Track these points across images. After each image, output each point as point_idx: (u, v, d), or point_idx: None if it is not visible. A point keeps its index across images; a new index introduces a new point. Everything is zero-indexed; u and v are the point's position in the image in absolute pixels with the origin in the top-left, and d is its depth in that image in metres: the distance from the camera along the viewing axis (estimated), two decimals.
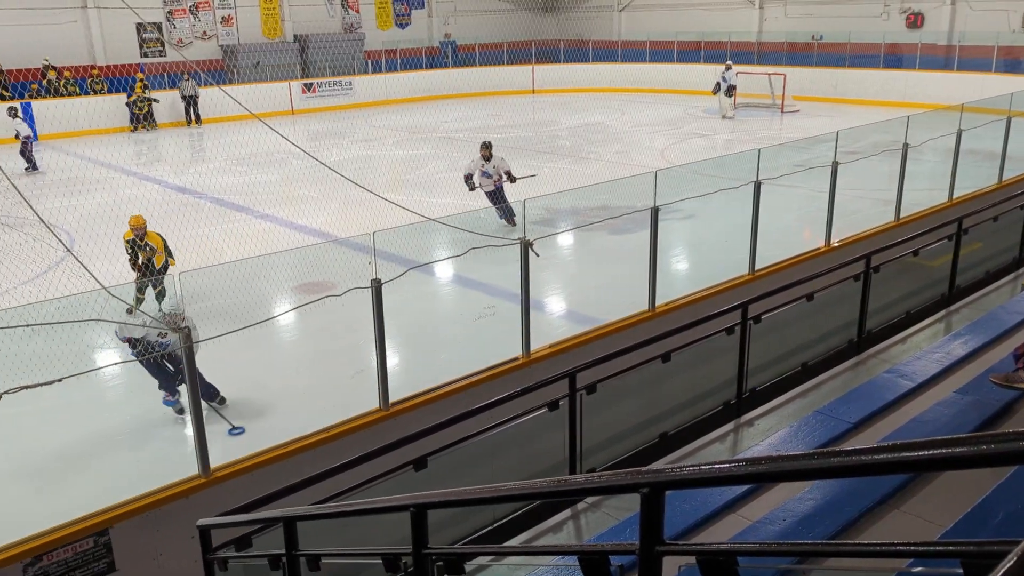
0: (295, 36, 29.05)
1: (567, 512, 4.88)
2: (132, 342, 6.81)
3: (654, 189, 7.92)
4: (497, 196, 12.40)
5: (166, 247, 9.46)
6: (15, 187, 6.33)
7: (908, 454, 1.57)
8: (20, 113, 18.27)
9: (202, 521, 4.76)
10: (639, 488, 2.11)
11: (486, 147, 12.57)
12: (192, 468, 5.69)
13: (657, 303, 8.16)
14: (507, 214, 12.07)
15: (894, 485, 4.19)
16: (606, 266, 10.96)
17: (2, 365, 6.46)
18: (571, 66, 31.16)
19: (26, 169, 17.34)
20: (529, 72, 31.20)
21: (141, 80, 23.49)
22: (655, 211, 7.89)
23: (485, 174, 12.45)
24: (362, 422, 6.26)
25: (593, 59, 31.88)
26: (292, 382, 7.89)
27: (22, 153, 17.57)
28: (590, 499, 4.84)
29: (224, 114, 22.04)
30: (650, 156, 18.10)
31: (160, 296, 8.86)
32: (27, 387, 5.25)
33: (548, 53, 32.05)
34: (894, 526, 3.97)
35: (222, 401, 7.13)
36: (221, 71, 27.07)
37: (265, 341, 8.32)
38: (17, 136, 17.82)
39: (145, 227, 9.26)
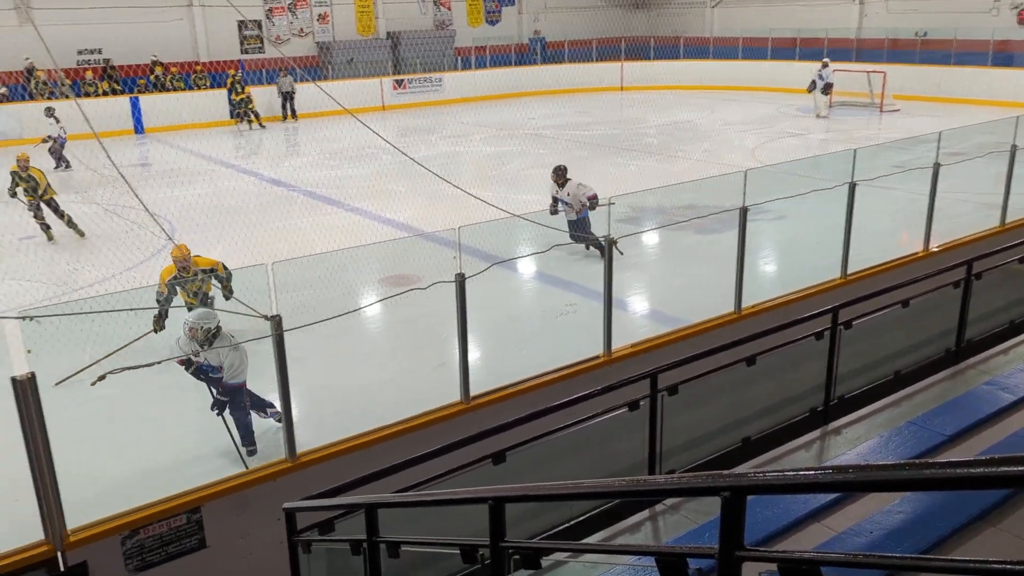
0: (388, 33, 29.62)
1: (645, 513, 4.84)
2: (184, 364, 6.59)
3: (743, 189, 7.77)
4: (579, 227, 10.55)
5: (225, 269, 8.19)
6: (123, 177, 6.64)
7: (1008, 468, 1.51)
8: (55, 115, 18.54)
9: (288, 504, 4.91)
10: (720, 492, 2.08)
11: (557, 172, 10.92)
12: (279, 452, 5.89)
13: (743, 305, 8.01)
14: (595, 246, 10.01)
15: (991, 501, 4.01)
16: (691, 266, 10.81)
17: (106, 346, 6.81)
18: (661, 63, 30.73)
19: (55, 168, 18.00)
20: (618, 69, 30.96)
21: (233, 76, 24.21)
22: (744, 211, 7.74)
23: (562, 202, 10.90)
24: (443, 414, 6.35)
25: (684, 56, 31.40)
26: (377, 372, 8.05)
27: (51, 152, 18.20)
28: (669, 501, 4.79)
29: (318, 109, 22.67)
30: (740, 155, 17.74)
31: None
32: (129, 368, 5.53)
33: (638, 50, 31.72)
34: (990, 544, 3.80)
35: (280, 419, 6.45)
36: (316, 67, 27.83)
37: (352, 331, 8.51)
38: (48, 139, 18.10)
39: (190, 255, 8.01)
